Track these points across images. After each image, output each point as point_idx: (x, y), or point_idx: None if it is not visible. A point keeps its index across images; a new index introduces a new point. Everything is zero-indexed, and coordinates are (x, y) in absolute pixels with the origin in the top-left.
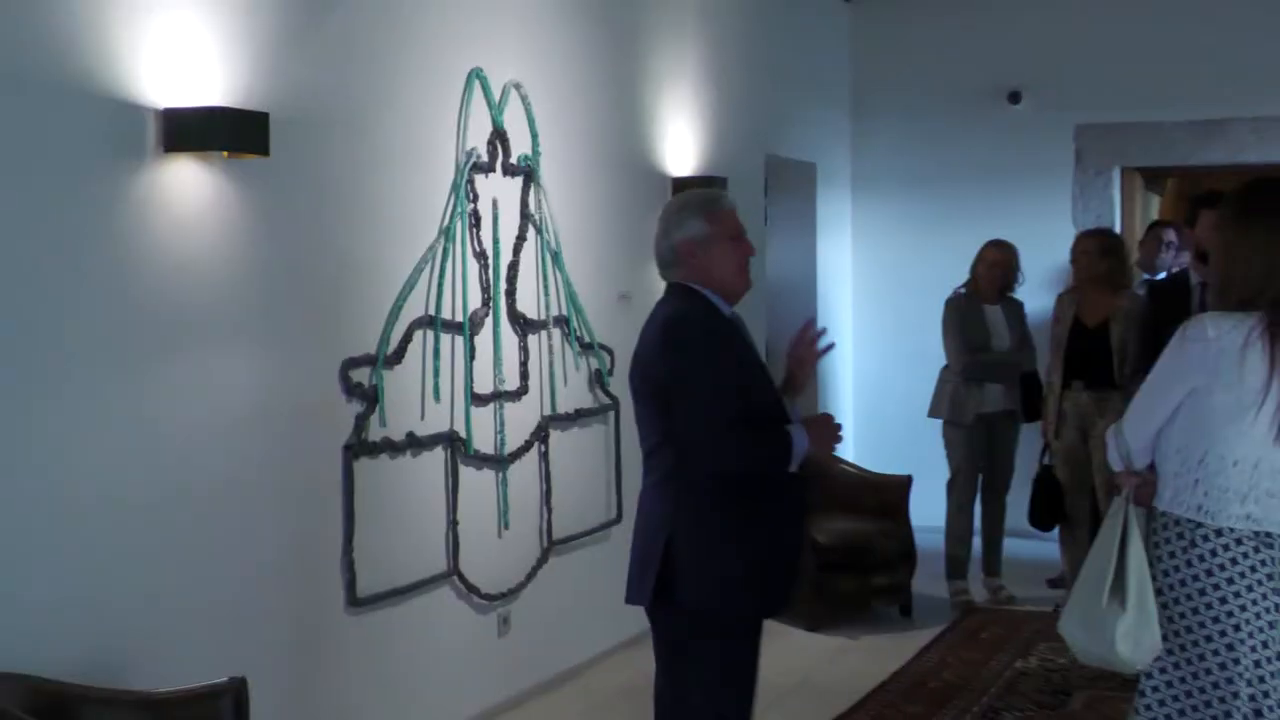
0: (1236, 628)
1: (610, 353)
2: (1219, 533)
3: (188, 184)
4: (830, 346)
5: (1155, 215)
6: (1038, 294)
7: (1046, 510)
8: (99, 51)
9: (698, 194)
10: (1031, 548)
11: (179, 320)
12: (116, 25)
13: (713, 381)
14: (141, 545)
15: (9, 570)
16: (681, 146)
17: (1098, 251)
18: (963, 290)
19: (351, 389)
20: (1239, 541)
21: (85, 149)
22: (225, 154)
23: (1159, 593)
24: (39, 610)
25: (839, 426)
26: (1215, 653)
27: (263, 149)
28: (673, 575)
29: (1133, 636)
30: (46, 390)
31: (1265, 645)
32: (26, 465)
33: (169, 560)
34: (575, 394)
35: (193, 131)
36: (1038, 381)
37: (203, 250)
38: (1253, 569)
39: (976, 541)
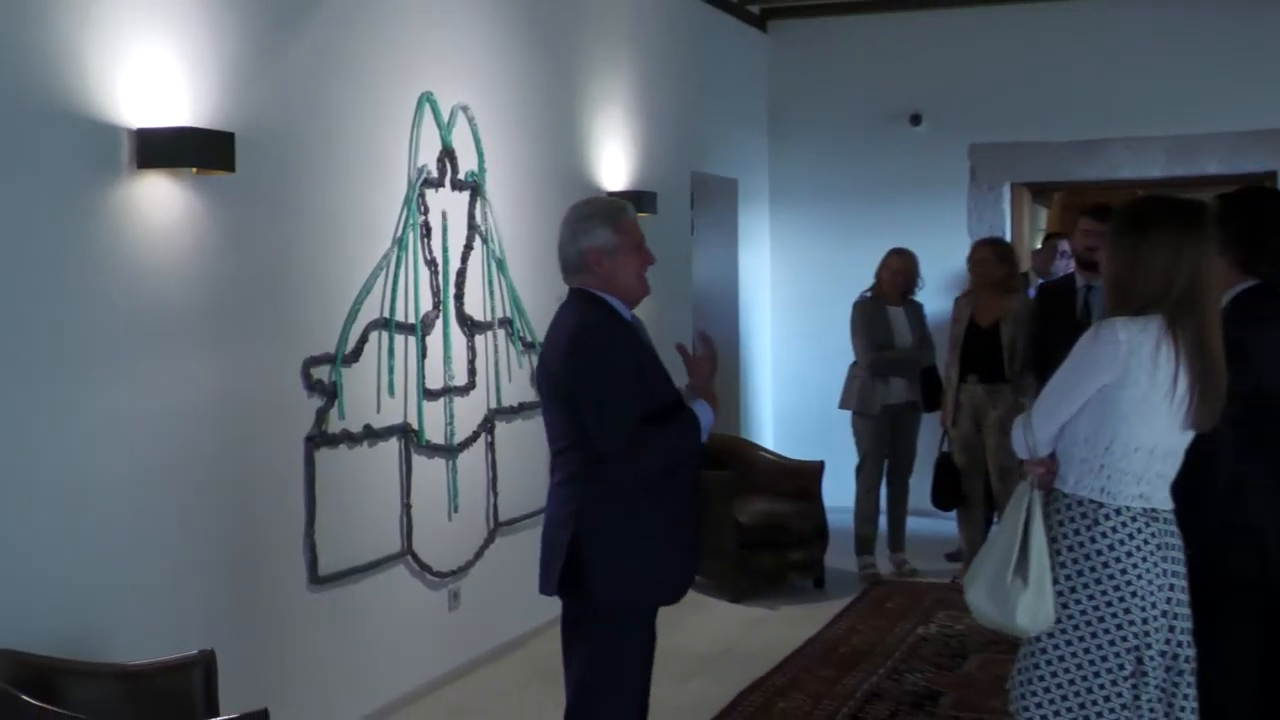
0: (1133, 593)
1: None
2: (1118, 511)
3: (160, 198)
4: (710, 352)
5: (1043, 226)
6: (936, 297)
7: (945, 492)
8: (77, 75)
9: (604, 203)
10: (931, 525)
11: (153, 322)
12: (93, 51)
13: (620, 392)
14: (119, 530)
15: None
16: (614, 164)
17: (995, 258)
18: (869, 294)
19: (312, 385)
20: (1134, 519)
21: (65, 165)
22: (194, 170)
23: (1063, 564)
24: (25, 591)
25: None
26: (1113, 614)
27: (229, 166)
28: (579, 571)
29: (1031, 610)
30: (32, 387)
31: (1154, 605)
32: (14, 458)
33: (144, 543)
34: (519, 389)
35: (164, 150)
36: (936, 376)
37: (174, 259)
38: (1145, 541)
39: (883, 520)
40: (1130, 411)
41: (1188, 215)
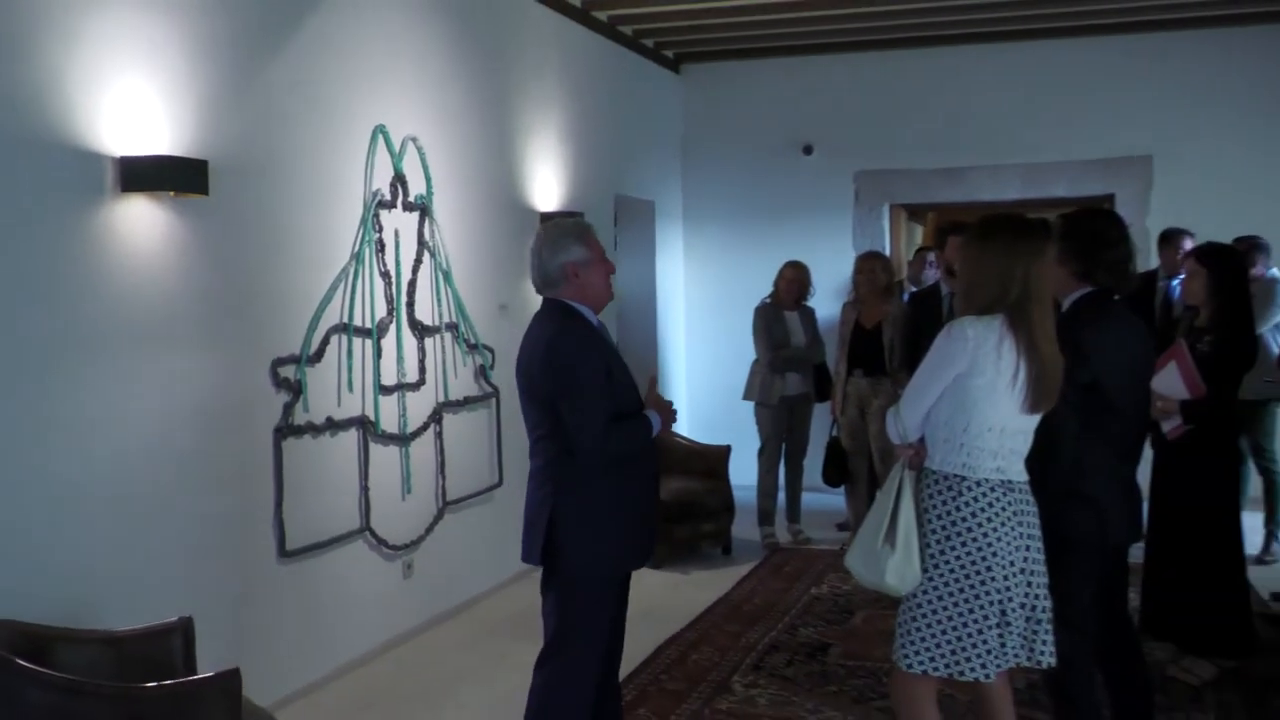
0: (994, 553)
1: (492, 351)
2: (978, 483)
3: (141, 219)
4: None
5: (918, 242)
6: (826, 302)
7: (834, 470)
8: (66, 109)
9: (573, 223)
10: (823, 500)
11: (136, 329)
12: (80, 88)
13: (592, 391)
14: (107, 512)
15: None
16: (546, 187)
17: (879, 269)
18: (768, 300)
19: (280, 383)
20: (992, 489)
21: (57, 189)
22: (173, 194)
23: (933, 531)
24: (21, 568)
25: (674, 409)
26: (978, 573)
27: (203, 190)
28: (557, 544)
29: (899, 571)
30: (27, 388)
31: (1012, 564)
32: (10, 451)
33: (130, 524)
34: (464, 385)
35: (145, 175)
36: (827, 371)
37: (155, 272)
38: (1003, 509)
39: (781, 496)
40: (980, 397)
41: (1022, 230)
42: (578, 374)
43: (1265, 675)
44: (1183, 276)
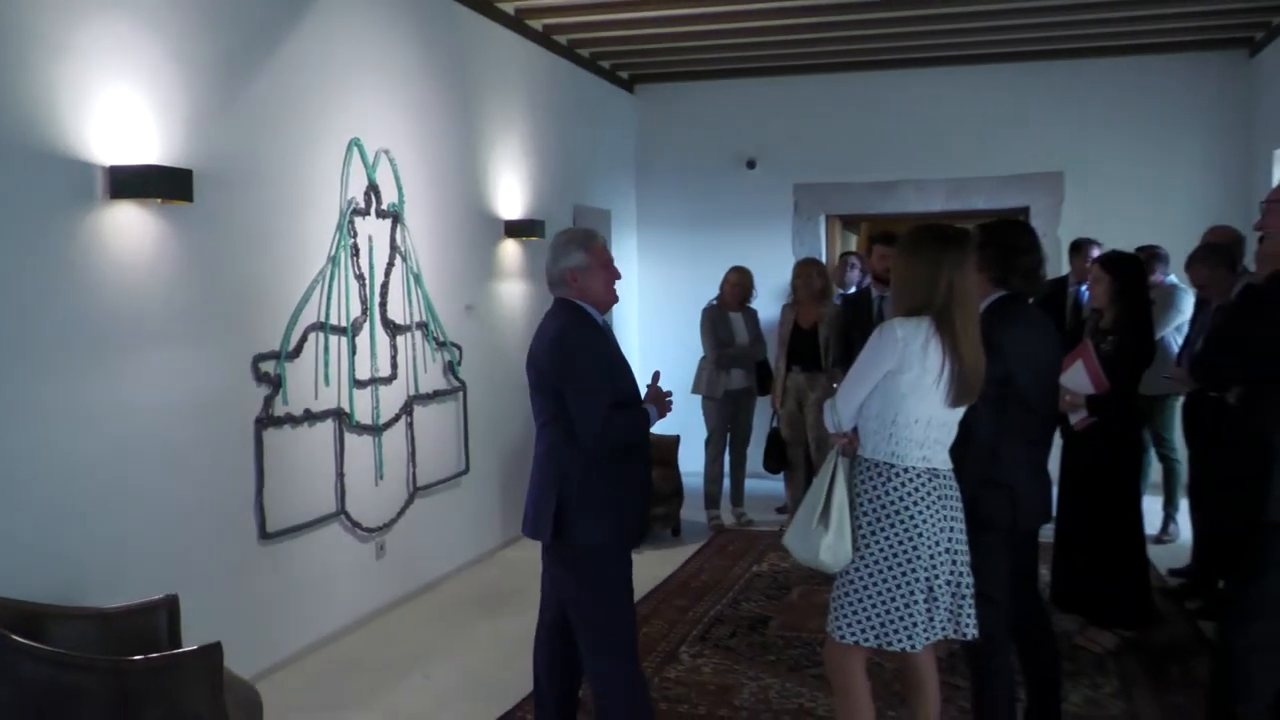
0: (920, 535)
1: (459, 348)
2: (905, 470)
3: (130, 224)
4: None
5: (854, 249)
6: (767, 304)
7: (775, 458)
8: (59, 122)
9: (578, 231)
10: (764, 485)
11: (125, 327)
12: (73, 102)
13: (594, 382)
14: (98, 497)
15: None
16: (511, 197)
17: (815, 274)
18: (714, 302)
19: (261, 377)
20: (918, 475)
21: (49, 197)
22: (159, 201)
23: (865, 514)
24: (16, 550)
25: (669, 401)
26: (905, 552)
27: (188, 197)
28: (565, 521)
29: (832, 549)
30: (22, 381)
31: (937, 544)
32: (8, 440)
33: (118, 507)
34: (433, 379)
35: (133, 183)
36: (768, 367)
37: (143, 274)
38: (928, 494)
39: (726, 482)
40: (908, 392)
41: (948, 239)
42: (581, 365)
43: (1163, 645)
44: (1090, 282)
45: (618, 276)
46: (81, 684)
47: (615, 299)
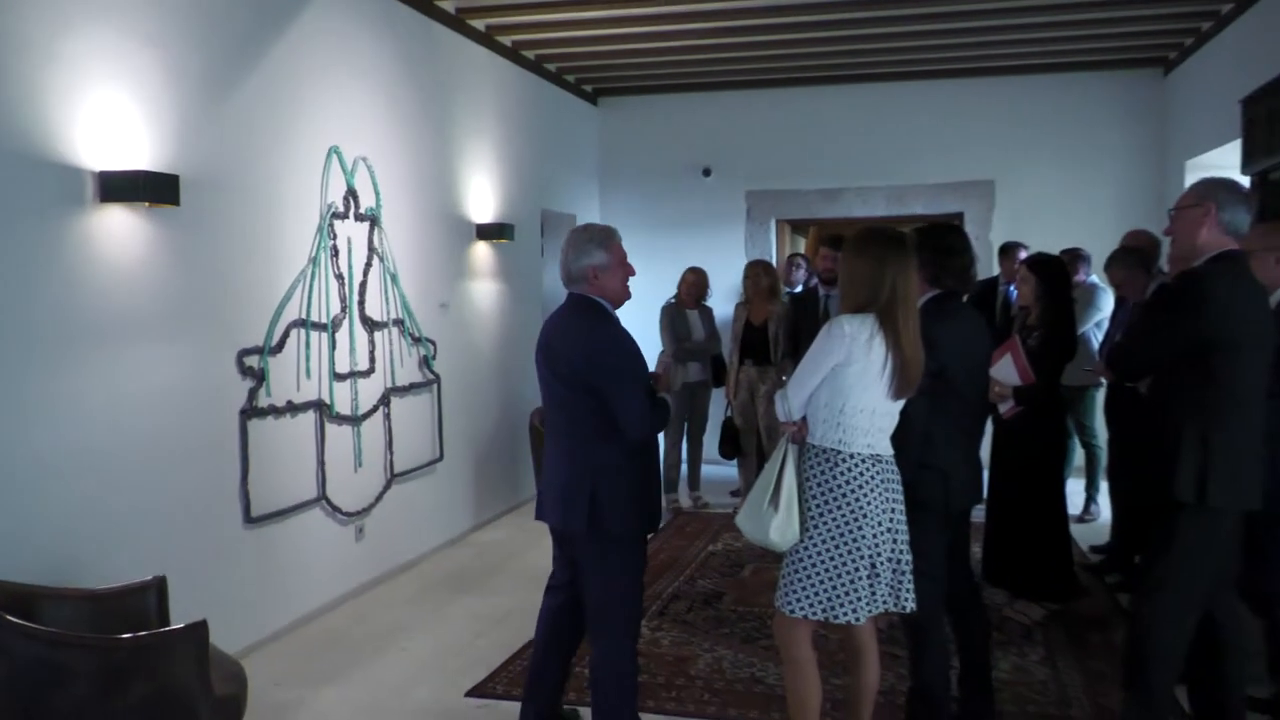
0: (864, 516)
1: (433, 344)
2: (851, 456)
3: (119, 226)
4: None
5: (801, 251)
6: (721, 302)
7: (728, 445)
8: (50, 128)
9: (598, 229)
10: (719, 471)
11: (115, 324)
12: (63, 108)
13: (636, 381)
14: (90, 483)
15: None
16: (482, 202)
17: (764, 274)
18: (672, 300)
19: (245, 370)
20: (863, 461)
21: (41, 200)
22: (147, 204)
23: (813, 496)
24: (10, 534)
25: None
26: (850, 533)
27: (175, 201)
28: (600, 509)
29: (781, 529)
30: (18, 373)
31: (880, 524)
32: (6, 428)
33: (109, 494)
34: (409, 373)
35: (122, 188)
36: (722, 361)
37: (131, 274)
38: (872, 478)
39: (684, 467)
40: (854, 383)
41: (891, 241)
42: (621, 364)
43: (1085, 616)
44: (1018, 282)
45: (632, 273)
46: (73, 661)
47: (628, 295)
